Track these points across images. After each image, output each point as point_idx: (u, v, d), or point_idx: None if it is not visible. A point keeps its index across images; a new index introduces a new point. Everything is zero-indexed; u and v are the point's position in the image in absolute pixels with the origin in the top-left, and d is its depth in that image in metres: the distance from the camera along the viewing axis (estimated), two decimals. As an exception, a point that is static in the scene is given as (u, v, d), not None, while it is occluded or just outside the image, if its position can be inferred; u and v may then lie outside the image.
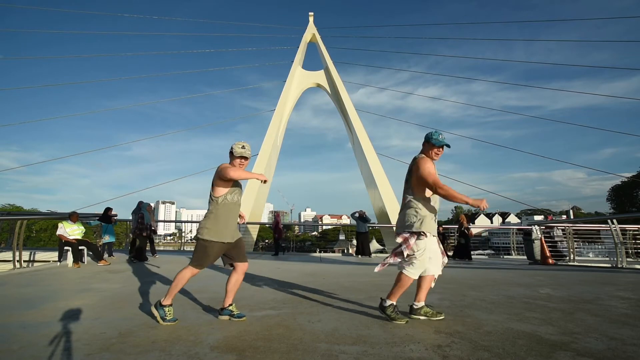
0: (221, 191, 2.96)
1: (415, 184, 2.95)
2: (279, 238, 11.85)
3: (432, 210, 2.94)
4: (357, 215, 11.60)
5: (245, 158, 3.03)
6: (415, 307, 3.02)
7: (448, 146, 2.97)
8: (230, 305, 3.03)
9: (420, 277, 2.96)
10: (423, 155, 3.00)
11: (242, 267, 3.10)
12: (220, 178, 2.93)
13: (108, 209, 9.50)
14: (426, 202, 2.93)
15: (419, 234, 2.85)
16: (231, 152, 3.04)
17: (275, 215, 12.28)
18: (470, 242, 10.93)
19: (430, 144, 2.95)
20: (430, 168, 2.87)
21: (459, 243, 10.88)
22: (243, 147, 3.01)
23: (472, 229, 11.03)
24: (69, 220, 7.66)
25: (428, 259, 2.87)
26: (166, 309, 2.88)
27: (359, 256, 11.12)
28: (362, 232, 11.52)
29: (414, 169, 2.96)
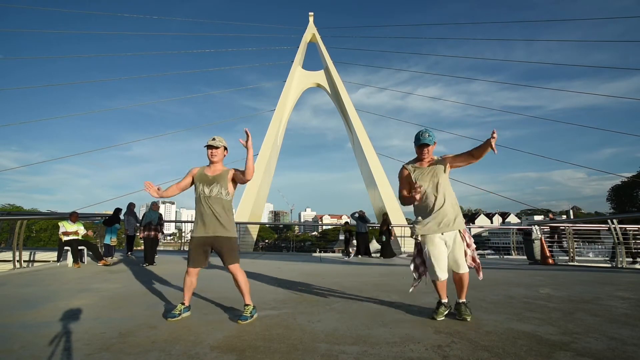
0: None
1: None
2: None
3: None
4: (357, 215, 11.61)
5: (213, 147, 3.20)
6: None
7: (424, 145, 2.98)
8: (246, 305, 3.05)
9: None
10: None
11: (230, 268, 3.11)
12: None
13: (119, 210, 9.45)
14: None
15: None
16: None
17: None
18: (391, 241, 11.29)
19: (415, 145, 3.08)
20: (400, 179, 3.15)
21: (380, 241, 11.22)
22: (213, 138, 3.22)
23: (393, 229, 11.82)
24: (69, 220, 7.66)
25: None
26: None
27: (359, 256, 11.14)
28: (362, 233, 11.54)
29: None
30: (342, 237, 12.23)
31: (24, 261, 7.75)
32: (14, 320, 3.00)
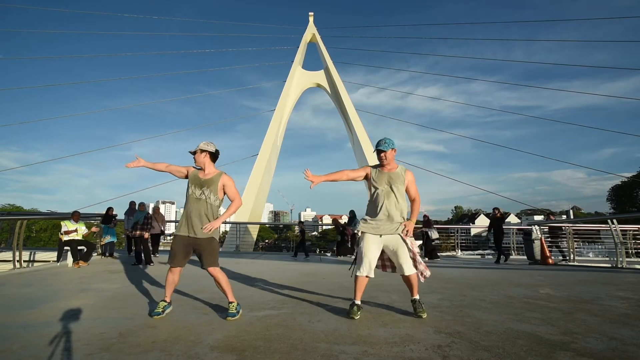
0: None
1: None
2: None
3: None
4: (349, 216, 11.70)
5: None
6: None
7: (380, 151, 3.21)
8: (231, 302, 3.11)
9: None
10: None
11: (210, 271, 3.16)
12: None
13: (109, 209, 9.52)
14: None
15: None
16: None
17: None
18: (348, 240, 11.39)
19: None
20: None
21: (338, 241, 11.48)
22: (206, 143, 3.28)
23: (350, 229, 11.80)
24: (70, 220, 7.67)
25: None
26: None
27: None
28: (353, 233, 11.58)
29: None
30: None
31: (24, 261, 7.76)
32: (14, 320, 3.00)
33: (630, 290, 4.49)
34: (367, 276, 3.09)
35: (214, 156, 3.30)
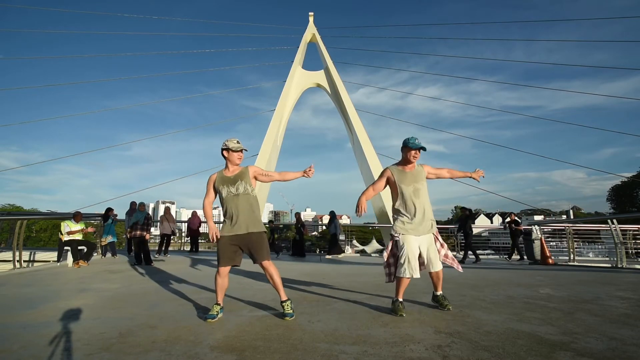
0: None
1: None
2: None
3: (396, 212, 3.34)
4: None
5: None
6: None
7: (424, 149, 3.22)
8: (284, 302, 3.07)
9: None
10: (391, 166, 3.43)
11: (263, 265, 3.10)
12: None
13: (109, 210, 9.53)
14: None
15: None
16: (228, 149, 3.14)
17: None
18: (304, 240, 11.52)
19: (408, 148, 3.25)
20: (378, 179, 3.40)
21: (294, 240, 11.59)
22: (238, 142, 3.18)
23: (306, 228, 11.89)
24: (72, 220, 7.67)
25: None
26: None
27: (332, 256, 11.18)
28: (332, 234, 11.64)
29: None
30: (342, 237, 12.21)
31: (24, 261, 7.76)
32: (14, 320, 3.00)
33: (630, 290, 4.49)
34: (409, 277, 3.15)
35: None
